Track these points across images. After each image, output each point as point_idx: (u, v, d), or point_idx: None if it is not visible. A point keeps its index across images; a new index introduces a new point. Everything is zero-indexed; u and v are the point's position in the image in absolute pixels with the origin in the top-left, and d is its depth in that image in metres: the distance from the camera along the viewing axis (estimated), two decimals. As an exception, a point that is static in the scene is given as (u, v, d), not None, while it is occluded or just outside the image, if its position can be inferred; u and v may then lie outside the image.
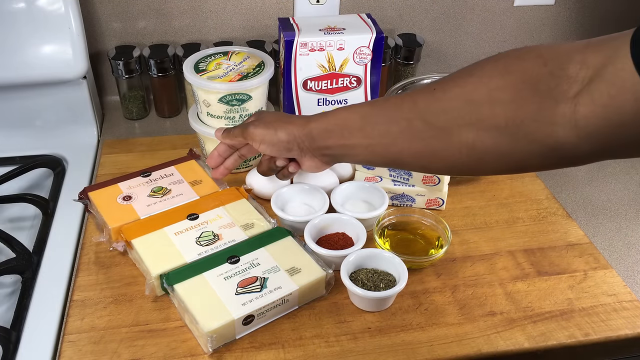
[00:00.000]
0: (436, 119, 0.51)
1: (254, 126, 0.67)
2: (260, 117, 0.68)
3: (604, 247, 0.79)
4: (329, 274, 0.66)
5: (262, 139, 0.66)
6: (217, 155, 0.74)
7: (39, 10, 0.85)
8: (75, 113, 0.94)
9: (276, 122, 0.65)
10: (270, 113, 0.69)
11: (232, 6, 1.02)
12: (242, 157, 0.74)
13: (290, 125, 0.64)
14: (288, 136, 0.64)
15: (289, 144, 0.64)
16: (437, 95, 0.51)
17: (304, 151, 0.64)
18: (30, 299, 0.67)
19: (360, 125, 0.57)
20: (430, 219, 0.76)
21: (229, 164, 0.75)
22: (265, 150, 0.67)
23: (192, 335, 0.63)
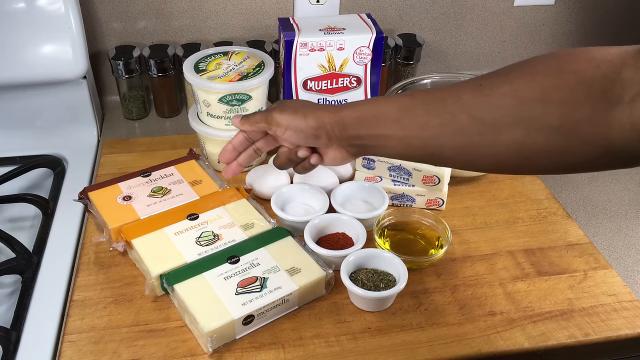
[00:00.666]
0: (484, 115, 0.49)
1: (279, 111, 0.63)
2: (285, 104, 0.65)
3: (604, 247, 0.79)
4: (329, 274, 0.66)
5: (288, 124, 0.62)
6: (232, 149, 0.70)
7: (39, 10, 0.85)
8: (75, 113, 0.94)
9: (304, 108, 0.63)
10: (294, 100, 0.66)
11: (232, 6, 1.02)
12: (258, 152, 0.70)
13: (320, 111, 0.61)
14: (317, 122, 0.60)
15: (317, 130, 0.61)
16: (484, 91, 0.50)
17: (332, 140, 0.61)
18: (30, 299, 0.67)
19: (397, 116, 0.55)
20: (430, 219, 0.76)
21: (244, 159, 0.70)
22: (289, 138, 0.63)
23: (192, 335, 0.63)
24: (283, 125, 0.62)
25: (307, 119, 0.61)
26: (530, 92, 0.47)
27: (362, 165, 0.82)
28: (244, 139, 0.69)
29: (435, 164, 0.57)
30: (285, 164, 0.67)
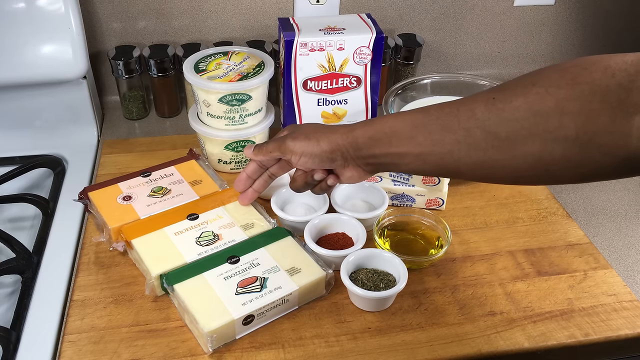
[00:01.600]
0: (498, 129, 0.49)
1: (292, 139, 0.63)
2: (297, 130, 0.65)
3: (604, 247, 0.79)
4: (329, 274, 0.66)
5: (303, 151, 0.62)
6: (246, 178, 0.71)
7: (39, 10, 0.85)
8: (75, 113, 0.94)
9: (316, 132, 0.63)
10: (305, 125, 0.66)
11: (232, 6, 1.02)
12: (272, 177, 0.71)
13: (332, 134, 0.61)
14: (331, 146, 0.61)
15: (332, 153, 0.61)
16: (498, 105, 0.49)
17: (347, 161, 0.61)
18: (30, 299, 0.67)
19: (411, 134, 0.55)
20: (430, 219, 0.76)
21: (259, 185, 0.71)
22: (305, 164, 0.63)
23: (192, 335, 0.63)
24: (297, 152, 0.63)
25: (321, 144, 0.61)
26: (544, 104, 0.47)
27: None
28: (258, 167, 0.70)
29: (451, 178, 0.57)
30: (302, 188, 0.67)
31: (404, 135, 0.56)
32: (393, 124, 0.57)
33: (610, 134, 0.44)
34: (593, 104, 0.44)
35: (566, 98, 0.46)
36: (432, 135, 0.54)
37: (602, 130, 0.44)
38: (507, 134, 0.49)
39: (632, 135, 0.43)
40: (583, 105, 0.45)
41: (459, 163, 0.53)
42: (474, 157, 0.51)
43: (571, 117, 0.45)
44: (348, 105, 0.88)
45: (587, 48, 1.20)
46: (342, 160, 0.61)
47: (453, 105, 0.53)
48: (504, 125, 0.49)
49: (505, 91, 0.50)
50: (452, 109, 0.53)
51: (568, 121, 0.46)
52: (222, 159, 0.87)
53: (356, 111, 0.89)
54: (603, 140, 0.45)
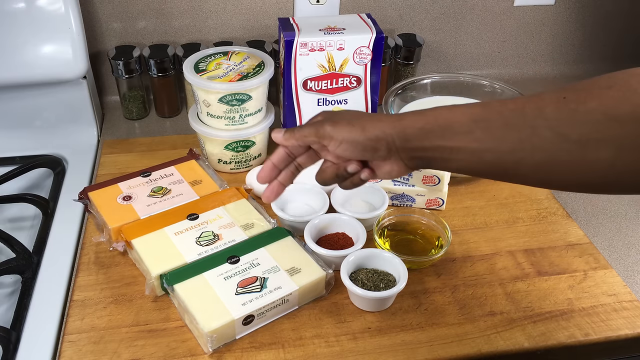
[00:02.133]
0: (569, 131, 0.46)
1: (331, 124, 0.57)
2: (336, 115, 0.59)
3: (604, 247, 0.79)
4: (329, 274, 0.66)
5: (344, 137, 0.56)
6: (272, 167, 0.61)
7: (39, 10, 0.85)
8: (75, 113, 0.94)
9: (359, 119, 0.57)
10: (344, 111, 0.60)
11: (232, 6, 1.02)
12: (299, 169, 0.63)
13: (379, 122, 0.56)
14: (377, 133, 0.55)
15: (377, 142, 0.55)
16: (570, 105, 0.46)
17: (391, 152, 0.55)
18: (30, 299, 0.67)
19: (468, 128, 0.51)
20: (430, 219, 0.76)
21: (285, 177, 0.62)
22: (344, 151, 0.57)
23: (192, 335, 0.63)
24: (338, 138, 0.56)
25: (366, 131, 0.55)
26: (621, 109, 0.44)
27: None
28: (286, 155, 0.61)
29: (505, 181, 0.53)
30: (331, 180, 0.61)
31: (460, 128, 0.51)
32: (448, 115, 0.53)
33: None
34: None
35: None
36: (493, 131, 0.50)
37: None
38: (578, 137, 0.46)
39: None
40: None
41: (520, 163, 0.49)
42: (537, 158, 0.48)
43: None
44: (348, 105, 0.88)
45: (587, 48, 1.20)
46: (386, 152, 0.55)
47: (517, 101, 0.50)
48: (575, 126, 0.46)
49: (578, 92, 0.47)
50: (516, 105, 0.50)
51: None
52: (222, 159, 0.87)
53: (356, 111, 0.89)
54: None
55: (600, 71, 1.31)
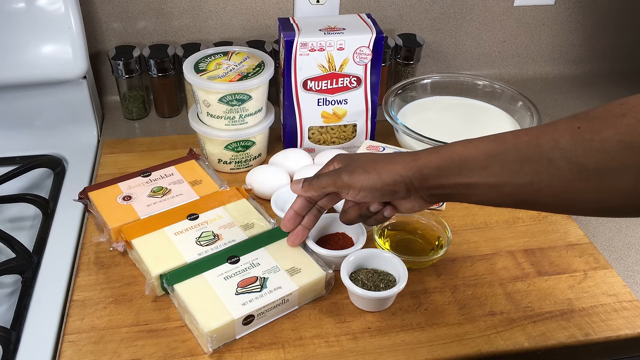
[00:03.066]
0: (587, 161, 0.46)
1: (348, 173, 0.59)
2: (352, 162, 0.60)
3: (604, 247, 0.79)
4: (329, 274, 0.66)
5: (362, 185, 0.58)
6: (295, 215, 0.65)
7: (39, 10, 0.85)
8: (75, 113, 0.94)
9: (375, 164, 0.58)
10: (359, 156, 0.62)
11: (232, 6, 1.02)
12: (321, 211, 0.66)
13: (394, 165, 0.57)
14: (394, 178, 0.56)
15: (395, 186, 0.57)
16: (585, 135, 0.47)
17: (410, 192, 0.57)
18: (30, 299, 0.67)
19: (484, 164, 0.52)
20: (430, 219, 0.76)
21: (308, 221, 0.66)
22: (364, 197, 0.59)
23: (192, 335, 0.63)
24: (356, 187, 0.58)
25: (382, 177, 0.57)
26: (636, 137, 0.44)
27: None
28: (307, 202, 0.65)
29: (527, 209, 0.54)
30: (356, 220, 0.63)
31: (476, 165, 0.52)
32: (463, 152, 0.53)
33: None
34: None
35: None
36: (509, 166, 0.50)
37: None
38: (596, 166, 0.46)
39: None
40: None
41: (539, 194, 0.50)
42: (556, 189, 0.49)
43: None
44: (348, 105, 0.88)
45: (587, 48, 1.20)
46: (405, 192, 0.57)
47: (531, 133, 0.50)
48: (592, 156, 0.46)
49: (592, 120, 0.47)
50: (530, 138, 0.50)
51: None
52: (222, 159, 0.87)
53: (356, 111, 0.89)
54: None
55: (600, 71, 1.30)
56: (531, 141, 0.50)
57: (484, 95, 0.96)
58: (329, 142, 0.91)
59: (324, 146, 0.91)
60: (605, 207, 0.48)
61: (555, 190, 0.49)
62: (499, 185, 0.51)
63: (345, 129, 0.90)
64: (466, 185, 0.53)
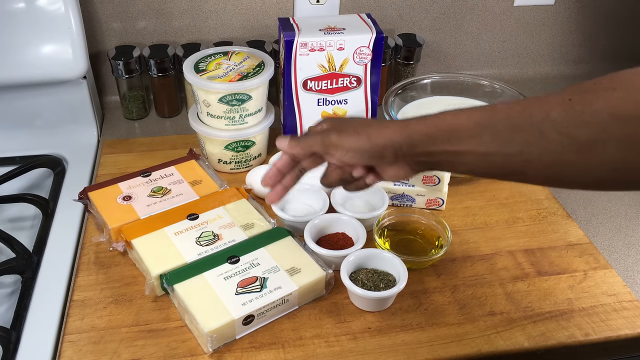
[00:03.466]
0: (577, 132, 0.47)
1: (337, 133, 0.58)
2: (342, 124, 0.60)
3: (604, 247, 0.79)
4: (329, 274, 0.66)
5: (351, 146, 0.57)
6: (277, 172, 0.63)
7: (39, 10, 0.85)
8: (75, 113, 0.94)
9: (365, 127, 0.58)
10: (350, 119, 0.62)
11: (232, 6, 1.02)
12: (303, 172, 0.64)
13: (386, 129, 0.57)
14: (385, 141, 0.56)
15: (384, 150, 0.56)
16: (576, 107, 0.47)
17: (397, 158, 0.57)
18: (30, 299, 0.67)
19: (474, 132, 0.52)
20: (430, 219, 0.76)
21: (289, 181, 0.64)
22: (351, 159, 0.58)
23: (192, 335, 0.63)
24: (345, 147, 0.58)
25: (372, 140, 0.57)
26: (626, 109, 0.45)
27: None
28: (290, 161, 0.63)
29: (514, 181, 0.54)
30: (336, 184, 0.63)
31: (465, 133, 0.52)
32: (453, 120, 0.54)
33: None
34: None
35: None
36: (500, 135, 0.51)
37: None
38: (586, 138, 0.47)
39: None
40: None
41: (528, 165, 0.50)
42: (546, 160, 0.49)
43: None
44: (348, 105, 0.88)
45: (587, 48, 1.20)
46: (392, 158, 0.57)
47: (523, 104, 0.51)
48: (582, 128, 0.47)
49: (583, 94, 0.48)
50: (522, 108, 0.51)
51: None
52: (222, 159, 0.87)
53: (356, 111, 0.89)
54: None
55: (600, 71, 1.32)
56: (523, 112, 0.50)
57: (484, 95, 0.96)
58: (329, 142, 0.91)
59: (324, 146, 0.91)
60: (593, 179, 0.49)
61: (545, 162, 0.49)
62: (489, 154, 0.52)
63: (345, 129, 0.90)
64: (454, 153, 0.53)
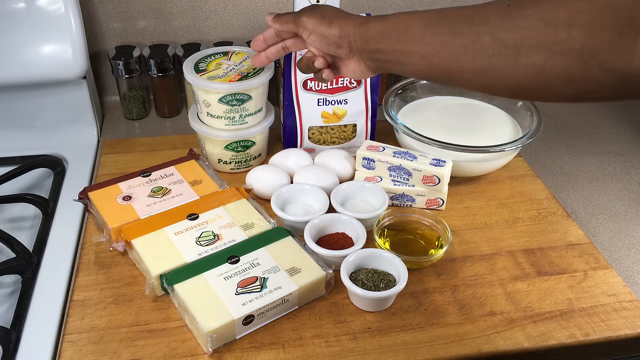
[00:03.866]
0: (507, 36, 0.49)
1: (307, 15, 0.65)
2: (316, 8, 0.66)
3: (604, 247, 0.79)
4: (329, 274, 0.66)
5: (314, 29, 0.64)
6: (262, 40, 0.73)
7: (39, 10, 0.85)
8: (75, 113, 0.94)
9: (332, 15, 0.64)
10: (327, 6, 0.67)
11: (232, 6, 1.02)
12: (285, 50, 0.73)
13: (345, 20, 0.62)
14: (341, 31, 0.62)
15: (340, 39, 0.62)
16: (512, 12, 0.49)
17: (353, 51, 0.62)
18: (30, 299, 0.67)
19: (421, 33, 0.55)
20: (430, 219, 0.76)
21: (272, 52, 0.73)
22: (313, 42, 0.65)
23: (192, 335, 0.63)
24: (309, 28, 0.64)
25: (332, 27, 0.62)
26: (557, 15, 0.46)
27: (362, 165, 0.82)
28: (274, 34, 0.71)
29: (454, 85, 0.57)
30: (305, 70, 0.69)
31: (414, 33, 0.55)
32: (405, 19, 0.57)
33: (615, 51, 0.44)
34: (604, 18, 0.44)
35: (579, 10, 0.45)
36: (441, 37, 0.53)
37: (607, 46, 0.44)
38: (514, 42, 0.49)
39: (635, 54, 0.43)
40: (594, 19, 0.45)
41: (463, 68, 0.53)
42: (478, 63, 0.51)
43: (580, 29, 0.45)
44: (348, 105, 0.88)
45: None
46: (348, 50, 0.62)
47: (469, 9, 0.53)
48: (513, 32, 0.49)
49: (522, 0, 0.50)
50: (467, 13, 0.53)
51: (576, 34, 0.45)
52: (222, 159, 0.87)
53: (356, 111, 0.89)
54: (606, 57, 0.45)
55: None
56: (466, 16, 0.52)
57: (484, 95, 0.96)
58: (329, 142, 0.91)
59: (324, 146, 0.91)
60: (519, 86, 0.51)
61: (478, 66, 0.51)
62: (430, 55, 0.54)
63: (345, 129, 0.90)
64: (403, 52, 0.57)
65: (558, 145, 1.00)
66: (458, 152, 0.81)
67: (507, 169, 0.90)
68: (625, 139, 1.03)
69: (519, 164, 0.92)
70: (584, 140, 1.02)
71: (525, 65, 0.49)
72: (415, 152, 0.81)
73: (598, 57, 0.45)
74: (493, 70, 0.51)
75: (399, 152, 0.80)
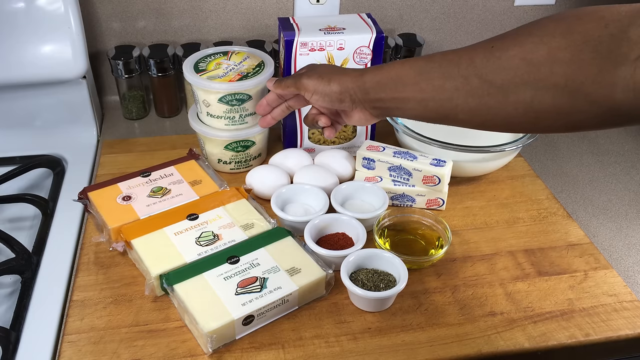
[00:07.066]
0: (494, 77, 0.51)
1: (307, 77, 0.68)
2: (313, 69, 0.69)
3: (605, 247, 0.78)
4: (329, 274, 0.66)
5: (315, 89, 0.67)
6: (266, 104, 0.76)
7: (39, 10, 0.85)
8: (75, 113, 0.94)
9: (330, 73, 0.67)
10: (323, 65, 0.71)
11: (232, 6, 1.02)
12: (290, 109, 0.75)
13: (343, 76, 0.65)
14: (341, 87, 0.65)
15: (341, 95, 0.65)
16: (495, 53, 0.51)
17: (355, 103, 0.65)
18: (30, 299, 0.67)
19: (415, 80, 0.58)
20: (430, 219, 0.76)
21: (277, 114, 0.76)
22: (316, 101, 0.68)
23: (192, 336, 0.63)
24: (310, 89, 0.67)
25: (332, 84, 0.65)
26: (537, 53, 0.48)
27: (362, 165, 0.82)
28: (277, 97, 0.75)
29: (451, 125, 0.59)
30: (311, 126, 0.74)
31: (408, 81, 0.59)
32: (399, 70, 0.60)
33: (597, 84, 0.45)
34: (583, 53, 0.46)
35: (559, 47, 0.47)
36: (433, 82, 0.56)
37: (590, 80, 0.45)
38: (501, 82, 0.51)
39: (617, 85, 0.44)
40: (574, 55, 0.46)
41: (457, 110, 0.55)
42: (471, 104, 0.54)
43: (562, 65, 0.47)
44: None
45: (587, 48, 1.20)
46: (350, 103, 0.65)
47: (456, 53, 0.56)
48: (499, 73, 0.51)
49: (504, 40, 0.52)
50: (454, 57, 0.55)
51: (558, 70, 0.47)
52: (222, 159, 0.87)
53: (356, 111, 0.89)
54: (590, 90, 0.46)
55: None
56: (453, 60, 0.55)
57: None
58: (329, 142, 0.91)
59: (324, 146, 0.91)
60: (512, 123, 0.53)
61: (470, 106, 0.54)
62: (425, 100, 0.57)
63: (345, 129, 0.90)
64: (400, 99, 0.60)
65: (558, 145, 1.00)
66: (458, 152, 0.81)
67: (507, 169, 0.90)
68: (625, 139, 1.03)
69: (519, 164, 0.92)
70: (584, 140, 1.02)
71: (514, 102, 0.50)
72: (416, 152, 0.81)
73: (582, 91, 0.46)
74: (485, 109, 0.53)
75: (399, 152, 0.80)
